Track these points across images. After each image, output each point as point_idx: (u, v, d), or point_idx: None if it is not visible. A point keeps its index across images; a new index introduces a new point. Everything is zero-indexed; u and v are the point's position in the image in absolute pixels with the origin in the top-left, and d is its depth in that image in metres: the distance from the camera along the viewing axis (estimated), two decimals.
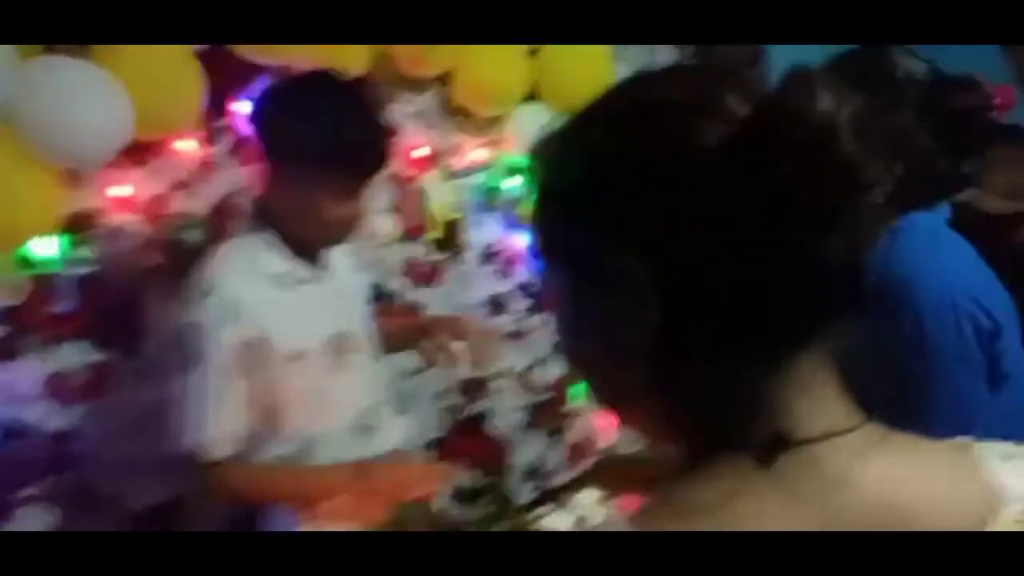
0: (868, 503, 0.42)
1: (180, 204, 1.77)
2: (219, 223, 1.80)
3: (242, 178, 1.84)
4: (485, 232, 2.35)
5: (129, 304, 1.71)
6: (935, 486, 0.44)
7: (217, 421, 1.28)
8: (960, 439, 0.48)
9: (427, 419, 2.22)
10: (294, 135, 1.26)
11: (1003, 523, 0.43)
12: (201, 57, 1.59)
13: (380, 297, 2.14)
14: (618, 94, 0.47)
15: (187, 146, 1.75)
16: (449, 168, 2.24)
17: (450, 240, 2.27)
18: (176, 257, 1.73)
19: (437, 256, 2.25)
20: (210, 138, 1.79)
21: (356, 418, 1.46)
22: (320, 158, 1.24)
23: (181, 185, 1.76)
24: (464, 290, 2.32)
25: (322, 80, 1.30)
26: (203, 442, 1.28)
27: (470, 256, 2.33)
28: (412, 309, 2.20)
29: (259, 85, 1.52)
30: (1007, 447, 0.48)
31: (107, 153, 1.44)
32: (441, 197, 2.21)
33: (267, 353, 1.31)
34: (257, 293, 1.31)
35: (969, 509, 0.43)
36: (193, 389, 1.28)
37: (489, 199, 2.34)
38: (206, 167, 1.79)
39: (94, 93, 1.38)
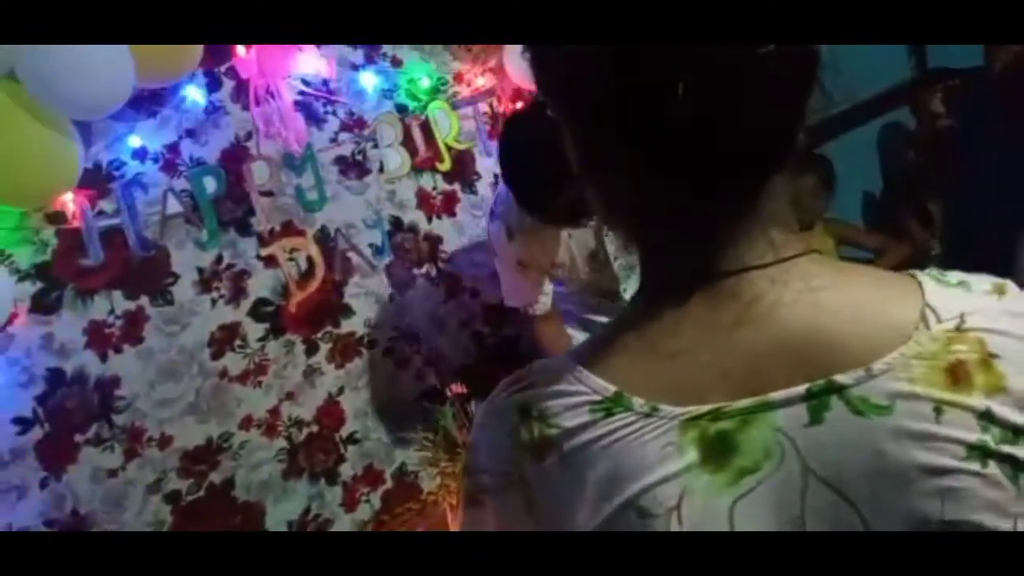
0: (789, 326, 0.46)
1: (191, 152, 1.81)
2: (232, 168, 1.84)
3: (249, 122, 1.87)
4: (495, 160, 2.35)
5: (153, 253, 1.77)
6: (862, 307, 0.47)
7: (522, 288, 1.86)
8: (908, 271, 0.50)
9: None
10: None
11: (931, 337, 0.45)
12: None
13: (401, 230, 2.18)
14: None
15: (192, 93, 1.78)
16: (454, 97, 2.24)
17: (460, 170, 2.29)
18: (194, 205, 1.78)
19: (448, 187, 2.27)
20: (213, 83, 1.82)
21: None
22: None
23: (190, 133, 1.80)
24: (480, 220, 2.35)
25: None
26: (523, 302, 1.89)
27: (482, 185, 2.35)
28: (430, 240, 2.23)
29: None
30: (956, 275, 0.50)
31: (112, 100, 1.48)
32: (447, 127, 2.21)
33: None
34: None
35: (895, 325, 0.46)
36: (500, 270, 1.90)
37: (495, 126, 2.34)
38: (212, 113, 1.83)
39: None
